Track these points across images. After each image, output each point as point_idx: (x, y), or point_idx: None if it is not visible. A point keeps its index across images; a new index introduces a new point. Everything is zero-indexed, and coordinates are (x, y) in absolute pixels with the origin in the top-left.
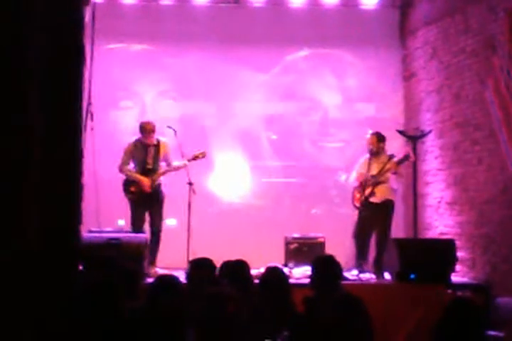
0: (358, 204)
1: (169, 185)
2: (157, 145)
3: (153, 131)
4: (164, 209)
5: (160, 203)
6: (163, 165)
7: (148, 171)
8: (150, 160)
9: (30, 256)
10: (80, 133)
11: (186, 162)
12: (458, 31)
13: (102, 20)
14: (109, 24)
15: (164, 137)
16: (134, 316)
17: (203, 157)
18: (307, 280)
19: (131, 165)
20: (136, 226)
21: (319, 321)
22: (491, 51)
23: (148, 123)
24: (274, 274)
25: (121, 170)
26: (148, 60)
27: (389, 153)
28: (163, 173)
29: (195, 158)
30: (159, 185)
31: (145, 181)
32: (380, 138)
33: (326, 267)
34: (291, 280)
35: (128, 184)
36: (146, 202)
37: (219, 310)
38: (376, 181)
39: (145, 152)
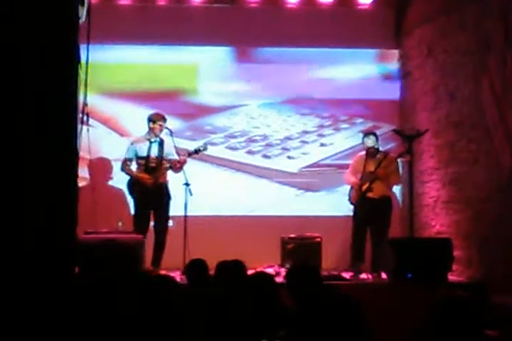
0: (354, 201)
1: None
2: (161, 143)
3: (163, 119)
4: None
5: (165, 204)
6: (165, 162)
7: (152, 169)
8: (153, 159)
9: (27, 258)
10: (75, 133)
11: (186, 157)
12: (453, 30)
13: (98, 21)
14: (104, 24)
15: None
16: (130, 316)
17: (205, 149)
18: None
19: (134, 163)
20: (139, 226)
21: (315, 321)
22: (486, 50)
23: (157, 113)
24: (258, 281)
25: (122, 168)
26: (143, 59)
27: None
28: (166, 170)
29: (196, 152)
30: (164, 184)
31: (145, 178)
32: (377, 137)
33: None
34: None
35: (131, 184)
36: (150, 202)
37: (216, 310)
38: (374, 177)
39: (149, 149)
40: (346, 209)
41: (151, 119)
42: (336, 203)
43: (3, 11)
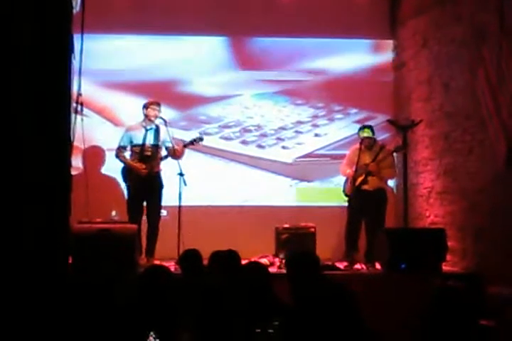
0: (349, 193)
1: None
2: (157, 130)
3: (156, 104)
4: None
5: (158, 193)
6: (161, 150)
7: (147, 158)
8: (149, 147)
9: (19, 248)
10: (68, 123)
11: (182, 147)
12: (448, 21)
13: (92, 10)
14: (99, 14)
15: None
16: (124, 306)
17: (201, 140)
18: None
19: (128, 150)
20: (133, 215)
21: (309, 311)
22: (482, 41)
23: (150, 100)
24: (252, 271)
25: (117, 155)
26: (138, 50)
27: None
28: (162, 159)
29: (192, 142)
30: (157, 173)
31: (140, 168)
32: (373, 130)
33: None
34: (282, 271)
35: (126, 171)
36: (143, 191)
37: (211, 300)
38: (369, 170)
39: (144, 137)
40: (341, 199)
41: (145, 106)
42: (330, 193)
43: None
